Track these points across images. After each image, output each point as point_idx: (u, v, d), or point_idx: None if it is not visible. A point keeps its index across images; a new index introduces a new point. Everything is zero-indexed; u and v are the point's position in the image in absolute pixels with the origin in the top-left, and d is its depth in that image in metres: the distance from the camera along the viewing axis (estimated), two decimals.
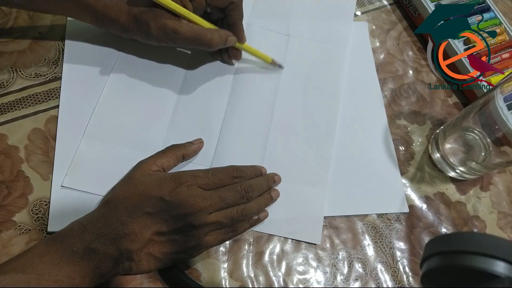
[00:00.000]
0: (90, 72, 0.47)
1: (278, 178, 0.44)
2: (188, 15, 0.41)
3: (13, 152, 0.43)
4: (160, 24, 0.40)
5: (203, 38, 0.41)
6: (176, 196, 0.34)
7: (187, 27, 0.41)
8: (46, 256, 0.30)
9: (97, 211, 0.35)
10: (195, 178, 0.36)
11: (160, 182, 0.35)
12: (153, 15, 0.40)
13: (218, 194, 0.36)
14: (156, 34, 0.41)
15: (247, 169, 0.41)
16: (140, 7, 0.41)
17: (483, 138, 0.46)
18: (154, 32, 0.41)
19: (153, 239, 0.33)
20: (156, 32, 0.41)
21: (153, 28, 0.41)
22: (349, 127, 0.49)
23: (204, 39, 0.41)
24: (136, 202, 0.34)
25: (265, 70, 0.50)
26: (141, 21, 0.41)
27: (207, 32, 0.42)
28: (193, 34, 0.41)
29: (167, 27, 0.40)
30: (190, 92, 0.47)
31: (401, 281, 0.43)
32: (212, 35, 0.42)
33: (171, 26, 0.40)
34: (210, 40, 0.42)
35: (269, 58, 0.48)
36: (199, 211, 0.34)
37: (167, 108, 0.46)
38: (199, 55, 0.49)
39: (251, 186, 0.39)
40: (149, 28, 0.41)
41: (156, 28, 0.41)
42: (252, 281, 0.41)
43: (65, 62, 0.47)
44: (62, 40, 0.48)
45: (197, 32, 0.41)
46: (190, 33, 0.41)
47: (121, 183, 0.39)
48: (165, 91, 0.47)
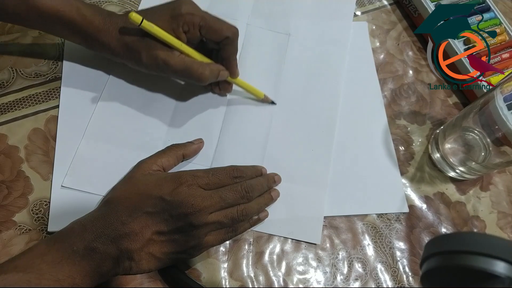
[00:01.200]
0: (90, 72, 0.47)
1: (278, 178, 0.44)
2: (180, 47, 0.40)
3: (13, 152, 0.43)
4: (151, 54, 0.40)
5: (193, 72, 0.40)
6: (176, 196, 0.34)
7: (178, 59, 0.40)
8: (47, 255, 0.30)
9: (97, 211, 0.35)
10: (195, 178, 0.36)
11: (160, 182, 0.35)
12: (145, 45, 0.40)
13: (219, 194, 0.36)
14: (147, 63, 0.40)
15: (247, 169, 0.41)
16: (132, 36, 0.40)
17: (483, 138, 0.46)
18: (144, 61, 0.40)
19: (153, 239, 0.33)
20: (146, 61, 0.40)
21: (144, 58, 0.40)
22: (349, 127, 0.49)
23: (194, 73, 0.41)
24: (136, 202, 0.34)
25: (264, 70, 0.50)
26: (133, 49, 0.40)
27: (198, 66, 0.41)
28: (183, 67, 0.40)
29: (158, 58, 0.40)
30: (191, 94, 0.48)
31: (401, 281, 0.43)
32: (203, 70, 0.41)
33: (162, 57, 0.39)
34: (201, 74, 0.41)
35: (262, 94, 0.47)
36: (200, 211, 0.34)
37: (167, 108, 0.46)
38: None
39: (251, 186, 0.39)
40: (140, 57, 0.40)
41: (146, 58, 0.40)
42: (252, 281, 0.41)
43: (65, 62, 0.47)
44: (62, 40, 0.48)
45: (188, 65, 0.40)
46: (180, 65, 0.40)
47: (122, 182, 0.39)
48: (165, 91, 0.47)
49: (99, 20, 0.40)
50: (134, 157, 0.42)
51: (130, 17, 0.37)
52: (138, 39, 0.40)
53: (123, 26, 0.40)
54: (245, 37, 0.52)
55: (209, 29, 0.40)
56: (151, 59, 0.40)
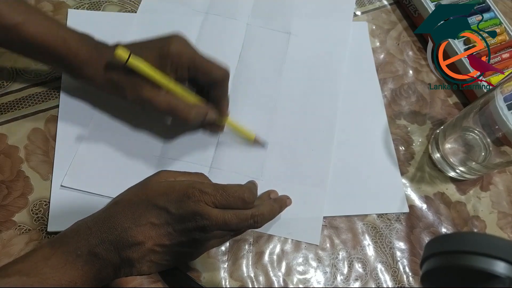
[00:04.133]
0: None
1: (290, 201, 0.42)
2: (167, 85, 0.38)
3: (13, 152, 0.43)
4: (136, 93, 0.39)
5: (178, 113, 0.39)
6: (181, 209, 0.33)
7: (164, 98, 0.39)
8: (51, 259, 0.30)
9: (104, 211, 0.34)
10: (203, 195, 0.33)
11: (168, 191, 0.34)
12: (130, 82, 0.39)
13: (224, 218, 0.34)
14: (131, 100, 0.40)
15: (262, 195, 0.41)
16: (117, 72, 0.39)
17: (483, 138, 0.46)
18: (129, 98, 0.39)
19: (155, 250, 0.33)
20: (131, 99, 0.39)
21: (129, 95, 0.39)
22: (349, 127, 0.49)
23: (180, 114, 0.39)
24: (142, 210, 0.33)
25: (264, 71, 0.50)
26: (117, 85, 0.39)
27: (183, 107, 0.39)
28: (168, 108, 0.39)
29: (143, 97, 0.39)
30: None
31: (401, 281, 0.43)
32: (189, 112, 0.39)
33: (147, 96, 0.38)
34: (187, 115, 0.39)
35: (252, 136, 0.45)
36: (203, 228, 0.33)
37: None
38: None
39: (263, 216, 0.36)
40: (125, 94, 0.39)
41: (131, 96, 0.39)
42: (252, 281, 0.41)
43: None
44: None
45: (172, 106, 0.39)
46: (165, 106, 0.39)
47: (136, 185, 0.37)
48: None
49: (84, 52, 0.39)
50: (134, 157, 0.42)
51: (116, 54, 0.36)
52: (124, 75, 0.38)
53: (109, 61, 0.39)
54: (245, 36, 0.52)
55: (198, 71, 0.39)
56: (136, 97, 0.39)
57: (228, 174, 0.44)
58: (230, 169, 0.44)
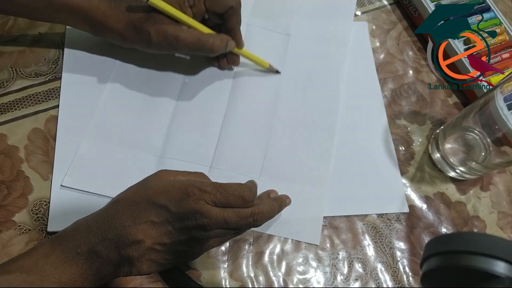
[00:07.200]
0: (90, 72, 0.47)
1: (289, 200, 0.42)
2: (188, 21, 0.41)
3: (13, 152, 0.43)
4: (160, 31, 0.40)
5: (205, 44, 0.41)
6: (181, 208, 0.33)
7: (188, 33, 0.41)
8: (51, 257, 0.30)
9: (104, 211, 0.34)
10: (202, 193, 0.33)
11: (167, 189, 0.34)
12: (153, 22, 0.40)
13: (224, 216, 0.34)
14: (157, 42, 0.41)
15: (262, 194, 0.41)
16: (138, 14, 0.40)
17: (483, 138, 0.46)
18: (154, 39, 0.40)
19: (155, 249, 0.33)
20: (156, 40, 0.40)
21: (154, 36, 0.40)
22: (349, 127, 0.49)
23: (206, 45, 0.41)
24: (142, 208, 0.33)
25: (264, 71, 0.50)
26: (141, 29, 0.40)
27: (208, 37, 0.41)
28: (195, 40, 0.41)
29: (168, 34, 0.40)
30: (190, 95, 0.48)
31: (401, 281, 0.43)
32: (214, 40, 0.42)
33: (172, 32, 0.40)
34: (212, 45, 0.41)
35: (267, 64, 0.49)
36: (203, 227, 0.33)
37: (167, 108, 0.46)
38: (197, 62, 0.49)
39: (263, 215, 0.36)
40: (150, 36, 0.40)
41: (156, 35, 0.40)
42: (252, 281, 0.41)
43: (65, 62, 0.47)
44: (62, 40, 0.48)
45: (199, 37, 0.41)
46: (191, 39, 0.41)
47: (135, 184, 0.37)
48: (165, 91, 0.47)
49: (105, 5, 0.41)
50: (134, 157, 0.42)
51: None
52: (146, 17, 0.40)
53: (130, 5, 0.41)
54: (245, 37, 0.51)
55: (212, 1, 0.41)
56: (161, 36, 0.40)
57: (228, 174, 0.44)
58: (230, 169, 0.44)
